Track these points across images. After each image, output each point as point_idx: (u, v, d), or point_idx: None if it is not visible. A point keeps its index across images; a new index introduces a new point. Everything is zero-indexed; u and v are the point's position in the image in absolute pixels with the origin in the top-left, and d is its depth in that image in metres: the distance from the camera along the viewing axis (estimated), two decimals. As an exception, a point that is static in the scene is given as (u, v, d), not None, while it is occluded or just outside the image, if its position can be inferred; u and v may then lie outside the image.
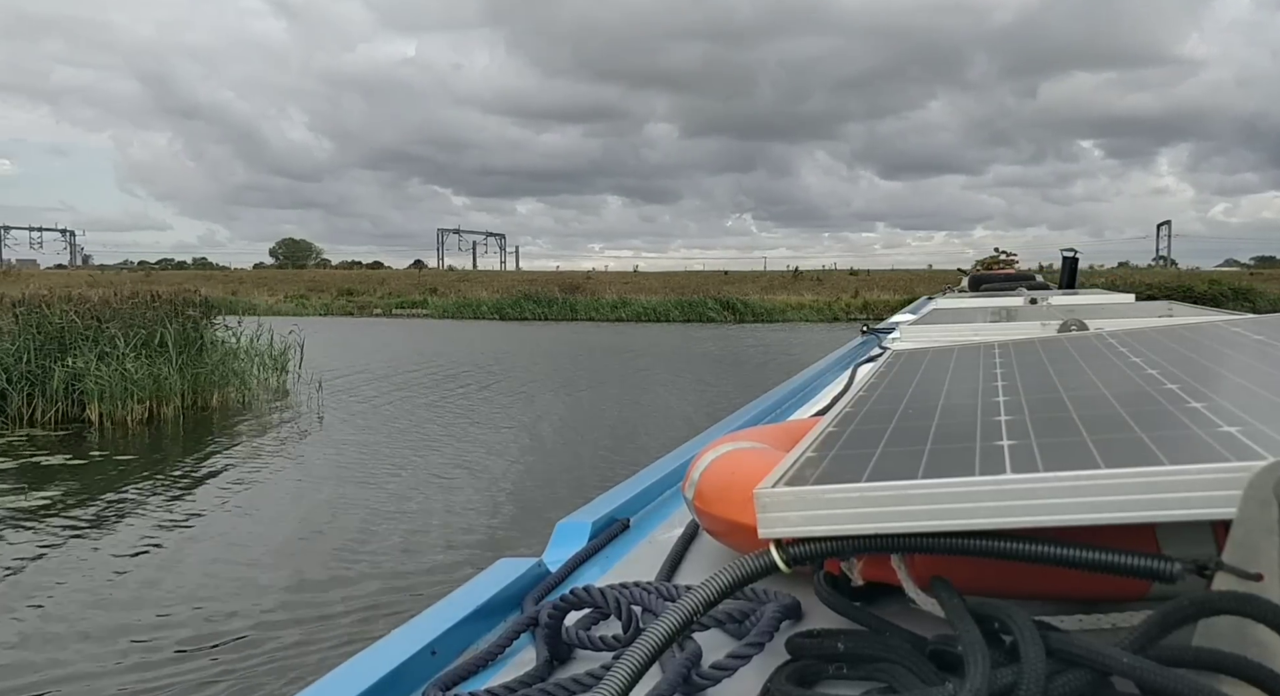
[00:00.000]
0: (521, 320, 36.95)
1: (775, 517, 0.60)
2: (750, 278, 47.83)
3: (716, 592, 0.57)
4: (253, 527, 6.74)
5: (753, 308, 37.54)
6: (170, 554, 5.99)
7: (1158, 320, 2.05)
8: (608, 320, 36.36)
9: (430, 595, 5.43)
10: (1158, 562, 0.52)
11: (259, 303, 40.85)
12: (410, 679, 0.68)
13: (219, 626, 4.67)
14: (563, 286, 43.60)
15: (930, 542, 0.57)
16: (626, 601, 0.71)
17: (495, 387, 14.61)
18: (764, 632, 0.63)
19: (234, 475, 8.49)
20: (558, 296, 40.53)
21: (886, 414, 0.87)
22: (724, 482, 0.85)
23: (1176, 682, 0.45)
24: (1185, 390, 0.78)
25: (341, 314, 40.80)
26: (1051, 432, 0.67)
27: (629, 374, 16.85)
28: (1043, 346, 1.25)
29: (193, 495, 7.72)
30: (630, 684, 0.49)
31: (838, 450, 0.72)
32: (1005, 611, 0.53)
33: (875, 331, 3.52)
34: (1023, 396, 0.86)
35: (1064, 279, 9.19)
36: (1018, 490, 0.55)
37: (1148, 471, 0.53)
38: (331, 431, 10.73)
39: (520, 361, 18.98)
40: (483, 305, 40.03)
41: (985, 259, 16.50)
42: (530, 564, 0.91)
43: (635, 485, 1.22)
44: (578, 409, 12.50)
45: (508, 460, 8.97)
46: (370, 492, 7.65)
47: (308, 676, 0.56)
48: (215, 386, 12.54)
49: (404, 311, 41.34)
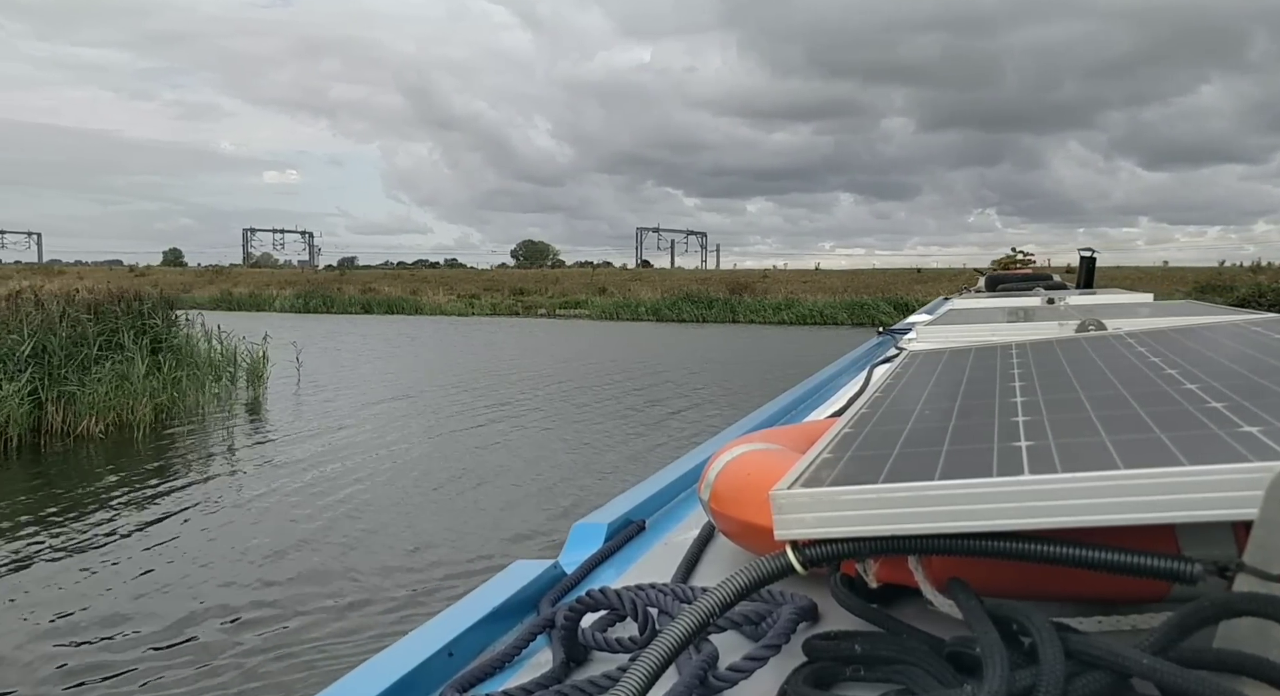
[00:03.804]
0: (679, 322, 35.00)
1: (791, 519, 0.60)
2: (948, 276, 41.31)
3: (733, 594, 0.56)
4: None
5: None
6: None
7: (1177, 320, 2.03)
8: (770, 323, 34.12)
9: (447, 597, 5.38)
10: (1178, 564, 0.52)
11: (425, 303, 41.54)
12: (428, 680, 0.68)
13: None
14: (731, 286, 41.18)
15: (947, 544, 0.57)
16: (642, 603, 0.71)
17: (494, 420, 11.58)
18: (780, 634, 0.63)
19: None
20: (719, 297, 38.34)
21: (903, 415, 0.87)
22: (740, 484, 0.85)
23: (1197, 684, 0.44)
24: (1205, 390, 0.77)
25: (508, 314, 40.03)
26: (1069, 433, 0.67)
27: (711, 397, 13.66)
28: (1060, 347, 1.24)
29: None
30: (647, 685, 0.49)
31: (854, 451, 0.72)
32: (1023, 613, 0.52)
33: (891, 332, 3.51)
34: (1040, 397, 0.86)
35: (1081, 279, 9.13)
36: (1036, 491, 0.55)
37: (1167, 472, 0.53)
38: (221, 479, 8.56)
39: (603, 379, 15.75)
40: (640, 306, 38.32)
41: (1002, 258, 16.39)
42: (546, 565, 0.91)
43: (651, 487, 1.22)
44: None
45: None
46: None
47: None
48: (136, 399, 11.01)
49: (566, 312, 40.28)
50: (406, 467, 8.95)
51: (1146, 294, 4.78)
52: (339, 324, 32.55)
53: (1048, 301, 3.99)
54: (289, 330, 21.57)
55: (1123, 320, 2.29)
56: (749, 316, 35.81)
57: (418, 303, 42.32)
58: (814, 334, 28.88)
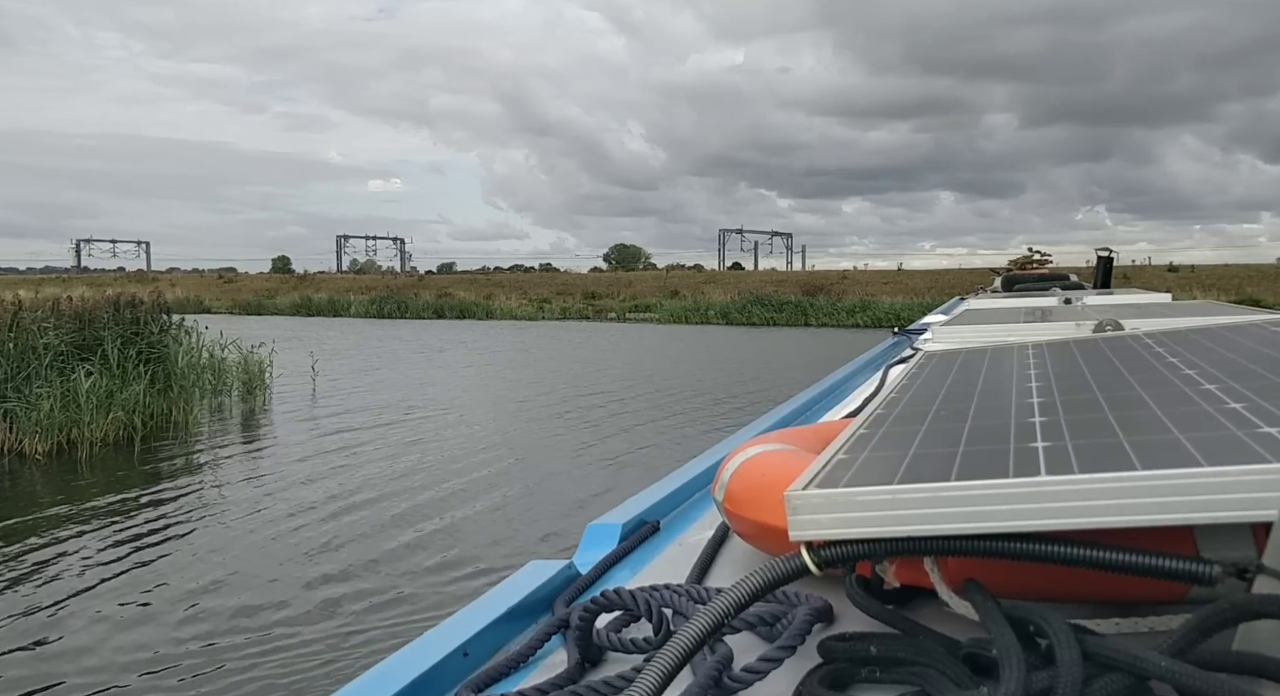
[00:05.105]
0: (748, 325, 33.74)
1: (806, 520, 0.59)
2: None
3: (747, 595, 0.56)
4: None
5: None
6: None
7: (1195, 320, 2.01)
8: (843, 325, 32.42)
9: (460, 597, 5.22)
10: (1196, 565, 0.52)
11: (497, 307, 41.65)
12: (443, 680, 0.69)
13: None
14: (805, 288, 40.14)
15: (964, 545, 0.56)
16: (657, 604, 0.71)
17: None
18: (795, 636, 0.63)
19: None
20: (791, 299, 37.16)
21: (919, 415, 0.86)
22: (754, 485, 0.85)
23: (1216, 687, 0.44)
24: (1224, 391, 0.77)
25: (578, 318, 39.51)
26: (1087, 434, 0.67)
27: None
28: (1077, 347, 1.23)
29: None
30: (662, 686, 0.49)
31: (869, 452, 0.72)
32: (1040, 614, 0.52)
33: (907, 332, 3.50)
34: (1057, 397, 0.85)
35: (1098, 279, 9.06)
36: (1053, 492, 0.54)
37: (1186, 473, 0.52)
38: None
39: (626, 395, 14.16)
40: (710, 309, 37.35)
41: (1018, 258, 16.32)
42: (561, 566, 0.91)
43: (665, 487, 1.22)
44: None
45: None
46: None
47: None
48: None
49: (636, 315, 39.64)
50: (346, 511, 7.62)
51: (1164, 294, 4.74)
52: (387, 329, 32.05)
53: (1064, 301, 3.96)
54: (342, 338, 20.55)
55: (1140, 320, 2.27)
56: (821, 319, 34.47)
57: (489, 307, 42.43)
58: (873, 337, 28.28)
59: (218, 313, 43.58)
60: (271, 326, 13.86)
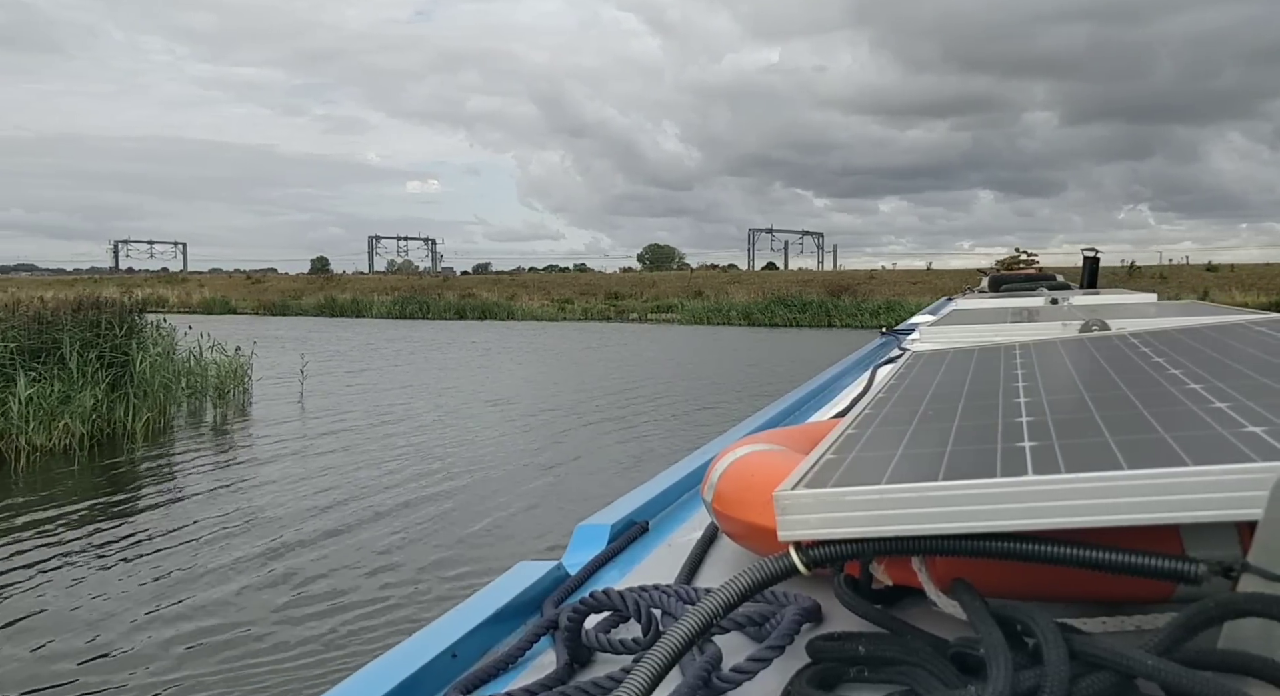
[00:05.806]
0: (770, 326, 33.09)
1: (795, 520, 0.60)
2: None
3: (736, 595, 0.56)
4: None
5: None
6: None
7: (1181, 320, 2.03)
8: (867, 327, 28.61)
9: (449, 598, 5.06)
10: (1182, 564, 0.52)
11: (519, 308, 41.44)
12: (431, 681, 0.68)
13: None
14: (831, 288, 39.30)
15: (952, 544, 0.57)
16: (646, 604, 0.71)
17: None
18: (784, 635, 0.63)
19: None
20: (815, 299, 36.44)
21: (906, 415, 0.86)
22: (743, 485, 0.85)
23: (1202, 685, 0.44)
24: (1209, 390, 0.77)
25: (600, 319, 39.02)
26: (1074, 433, 0.67)
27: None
28: (1064, 347, 1.24)
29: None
30: (650, 686, 0.49)
31: (857, 452, 0.72)
32: (1028, 613, 0.52)
33: (895, 332, 3.51)
34: (1044, 397, 0.86)
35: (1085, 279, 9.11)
36: (1040, 491, 0.54)
37: (1172, 472, 0.52)
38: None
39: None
40: (732, 310, 36.75)
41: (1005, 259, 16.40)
42: (549, 566, 0.91)
43: (654, 487, 1.22)
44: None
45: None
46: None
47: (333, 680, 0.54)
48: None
49: (657, 316, 39.05)
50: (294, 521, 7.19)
51: (1150, 294, 4.77)
52: (403, 329, 31.52)
53: (1051, 301, 3.98)
54: (354, 338, 20.06)
55: (1126, 320, 2.28)
56: (845, 320, 33.50)
57: (511, 307, 42.24)
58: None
59: (243, 313, 43.26)
60: (289, 327, 13.63)
